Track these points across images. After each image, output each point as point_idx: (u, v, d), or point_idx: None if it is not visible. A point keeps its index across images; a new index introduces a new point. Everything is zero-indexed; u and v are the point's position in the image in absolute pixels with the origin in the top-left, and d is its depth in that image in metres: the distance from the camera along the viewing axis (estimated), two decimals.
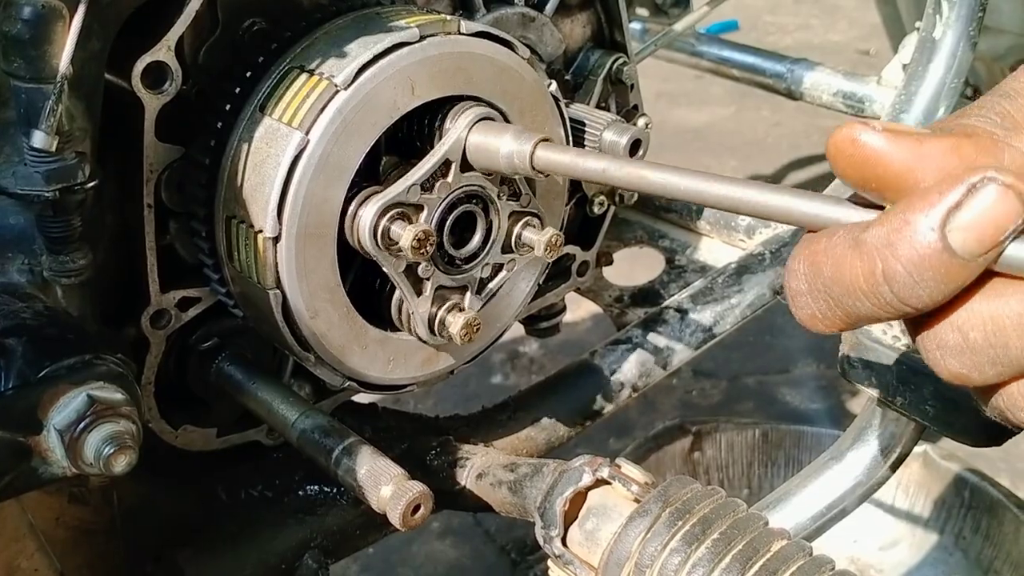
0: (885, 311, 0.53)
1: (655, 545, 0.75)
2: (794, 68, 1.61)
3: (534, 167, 0.77)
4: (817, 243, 0.55)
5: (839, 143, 0.54)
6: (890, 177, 0.54)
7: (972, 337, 0.53)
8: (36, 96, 0.72)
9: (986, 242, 0.51)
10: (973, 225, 0.51)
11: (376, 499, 0.81)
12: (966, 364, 0.54)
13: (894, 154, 0.53)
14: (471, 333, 0.86)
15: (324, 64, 0.80)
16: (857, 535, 1.98)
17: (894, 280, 0.52)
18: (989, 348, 0.53)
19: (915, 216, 0.51)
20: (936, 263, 0.51)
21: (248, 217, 0.80)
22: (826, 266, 0.54)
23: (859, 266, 0.53)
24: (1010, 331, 0.52)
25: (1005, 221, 0.51)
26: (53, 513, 0.86)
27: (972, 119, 0.55)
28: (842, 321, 0.55)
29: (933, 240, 0.51)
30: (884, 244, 0.52)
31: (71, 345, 0.72)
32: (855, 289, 0.53)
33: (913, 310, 0.53)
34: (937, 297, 0.52)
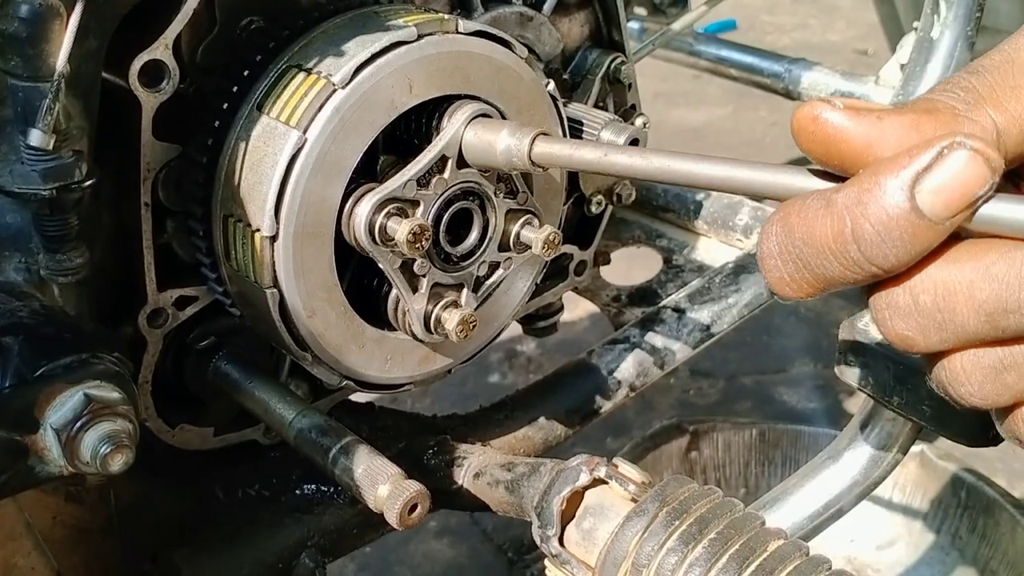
0: (852, 271, 0.54)
1: (652, 545, 0.75)
2: (792, 68, 1.61)
3: (532, 161, 0.77)
4: (791, 205, 0.56)
5: (802, 120, 0.56)
6: (851, 153, 0.55)
7: (922, 300, 0.54)
8: (33, 94, 0.72)
9: (953, 205, 0.52)
10: (942, 188, 0.51)
11: (373, 498, 0.81)
12: (912, 327, 0.54)
13: (854, 130, 0.54)
14: (467, 330, 0.86)
15: (322, 63, 0.80)
16: (854, 535, 1.98)
17: (862, 239, 0.53)
18: (937, 312, 0.53)
19: (885, 177, 0.52)
20: (904, 224, 0.52)
21: (245, 216, 0.80)
22: (798, 226, 0.55)
23: (829, 225, 0.53)
24: (959, 297, 0.53)
25: (973, 185, 0.51)
26: (50, 512, 0.86)
27: (936, 94, 0.56)
28: (810, 284, 0.56)
29: (902, 201, 0.52)
30: (854, 203, 0.53)
31: (68, 344, 0.72)
32: (824, 249, 0.54)
33: (880, 271, 0.54)
34: (904, 258, 0.53)
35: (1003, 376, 0.54)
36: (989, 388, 0.55)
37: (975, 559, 1.89)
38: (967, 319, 0.53)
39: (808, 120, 0.55)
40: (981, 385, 0.55)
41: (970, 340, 0.54)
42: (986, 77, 0.57)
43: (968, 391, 0.56)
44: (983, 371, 0.55)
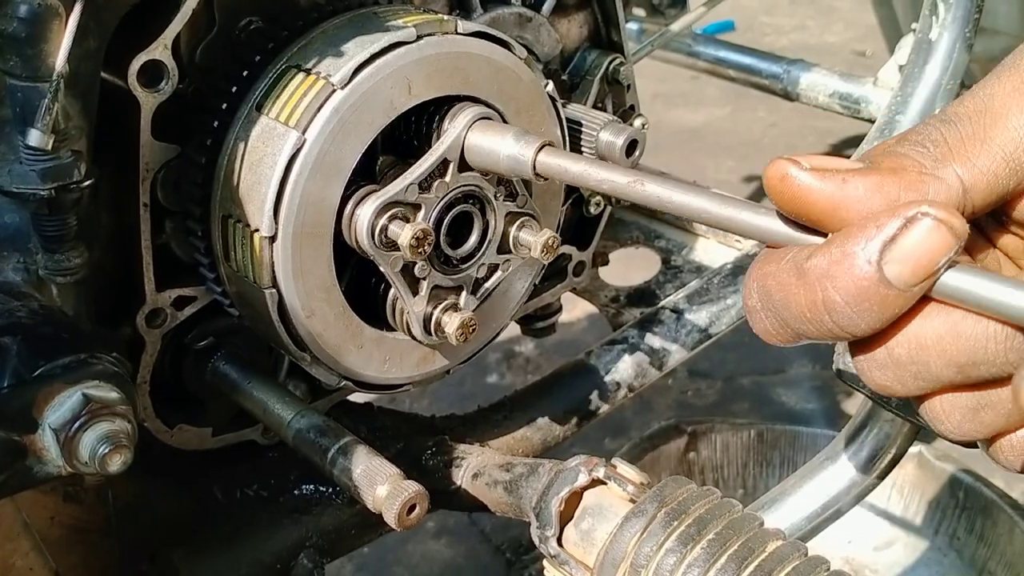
0: (829, 335, 0.56)
1: (651, 545, 0.75)
2: (790, 69, 1.61)
3: (536, 171, 0.77)
4: (767, 265, 0.58)
5: (770, 179, 0.57)
6: (817, 214, 0.56)
7: (897, 353, 0.56)
8: (32, 94, 0.72)
9: (920, 273, 0.53)
10: (907, 258, 0.53)
11: (372, 499, 0.81)
12: (890, 377, 0.57)
13: (819, 192, 0.56)
14: (467, 333, 0.86)
15: (321, 63, 0.80)
16: (852, 535, 1.98)
17: (834, 310, 0.55)
18: (912, 364, 0.56)
19: (853, 249, 0.54)
20: (873, 294, 0.54)
21: (244, 216, 0.80)
22: (775, 290, 0.57)
23: (802, 295, 0.55)
24: (931, 352, 0.55)
25: (938, 253, 0.53)
26: (48, 512, 0.86)
27: (906, 148, 0.58)
28: (792, 338, 0.58)
29: (870, 272, 0.53)
30: (824, 275, 0.54)
31: (66, 344, 0.72)
32: (801, 316, 0.56)
33: (853, 336, 0.56)
34: (875, 325, 0.55)
35: (979, 415, 0.57)
36: (968, 426, 0.58)
37: (973, 560, 1.90)
38: (940, 370, 0.55)
39: (776, 179, 0.57)
40: (959, 424, 0.58)
41: (945, 386, 0.56)
42: (957, 128, 0.58)
43: (947, 429, 0.58)
44: (961, 411, 0.57)
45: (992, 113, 0.58)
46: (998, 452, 0.59)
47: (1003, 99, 0.58)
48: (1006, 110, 0.58)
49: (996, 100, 0.58)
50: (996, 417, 0.57)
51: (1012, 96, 0.58)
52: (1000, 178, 0.57)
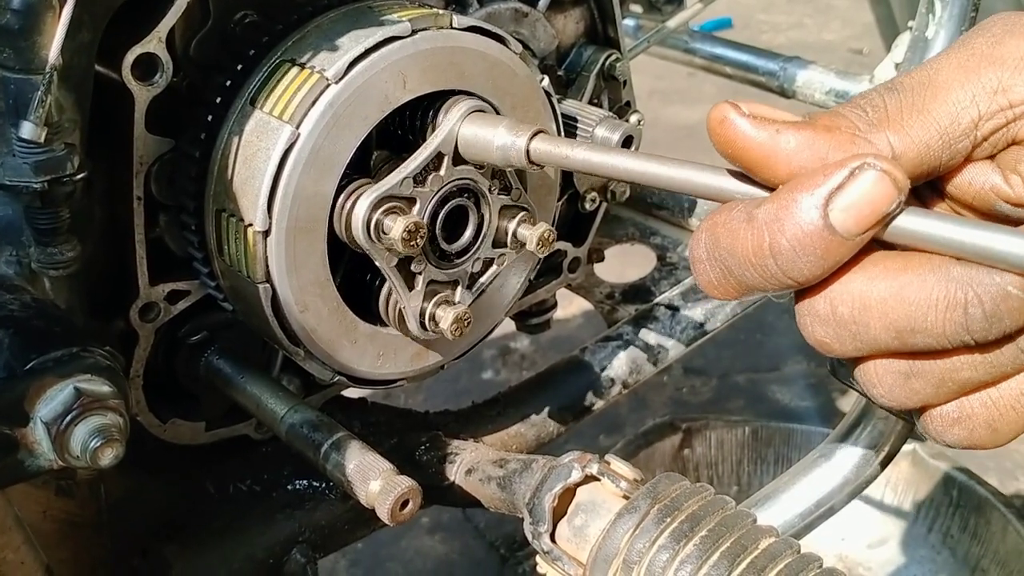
0: (771, 282, 0.58)
1: (643, 542, 0.75)
2: (787, 66, 1.60)
3: (530, 159, 0.77)
4: (719, 215, 0.59)
5: (712, 121, 0.59)
6: (749, 160, 0.59)
7: (839, 311, 0.58)
8: (25, 87, 0.71)
9: (863, 223, 0.55)
10: (852, 206, 0.55)
11: (365, 494, 0.81)
12: (830, 334, 0.58)
13: (753, 139, 0.58)
14: (462, 327, 0.85)
15: (315, 58, 0.80)
16: (845, 533, 1.98)
17: (779, 254, 0.56)
18: (852, 324, 0.57)
19: (801, 195, 0.56)
20: (817, 240, 0.55)
21: (238, 211, 0.80)
22: (723, 237, 0.58)
23: (749, 239, 0.57)
24: (873, 312, 0.57)
25: (881, 203, 0.55)
26: (40, 506, 0.86)
27: (847, 109, 0.60)
28: (735, 289, 0.60)
29: (816, 218, 0.55)
30: (772, 220, 0.56)
31: (59, 337, 0.72)
32: (745, 260, 0.57)
33: (795, 283, 0.57)
34: (817, 272, 0.57)
35: (910, 382, 0.59)
36: (898, 392, 0.59)
37: (966, 558, 1.90)
38: (879, 333, 0.57)
39: (716, 122, 0.59)
40: (890, 389, 0.60)
41: (881, 350, 0.58)
42: (899, 96, 0.59)
43: (879, 393, 0.60)
44: (893, 376, 0.59)
45: (934, 86, 0.59)
46: (928, 423, 0.61)
47: (947, 74, 0.59)
48: (948, 84, 0.59)
49: (941, 74, 0.60)
50: (926, 386, 0.58)
51: (956, 72, 0.59)
52: (932, 149, 0.59)
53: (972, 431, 0.60)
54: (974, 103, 0.59)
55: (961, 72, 0.59)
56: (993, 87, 0.59)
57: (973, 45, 0.60)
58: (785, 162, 0.57)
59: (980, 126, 0.59)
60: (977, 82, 0.59)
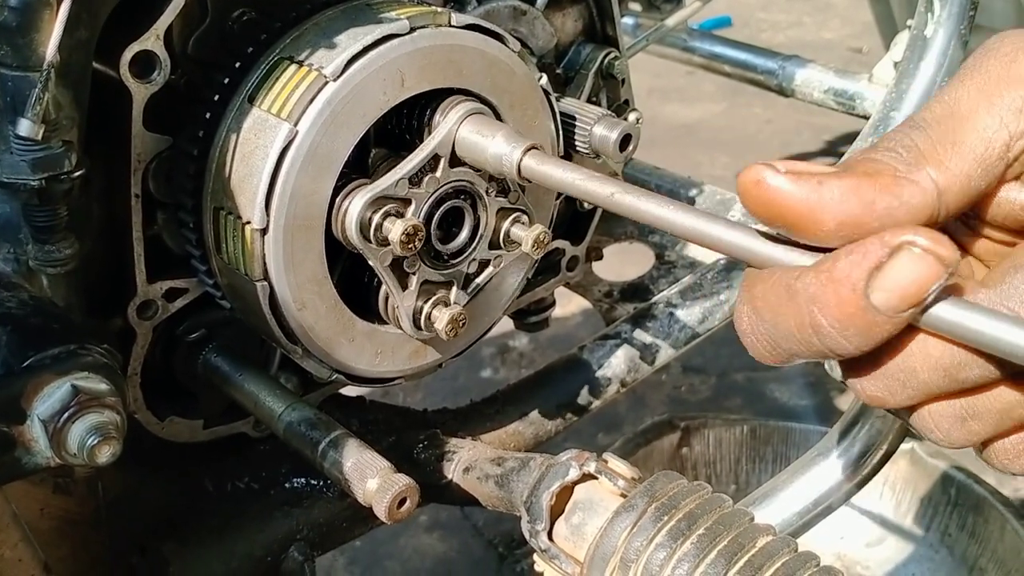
0: (819, 356, 0.57)
1: (641, 540, 0.75)
2: (786, 65, 1.61)
3: (520, 173, 0.78)
4: (757, 287, 0.58)
5: (745, 184, 0.57)
6: (793, 218, 0.56)
7: (883, 361, 0.57)
8: (23, 84, 0.71)
9: (907, 301, 0.53)
10: (895, 286, 0.53)
11: (362, 492, 0.81)
12: (880, 388, 0.58)
13: (795, 196, 0.56)
14: (457, 328, 0.85)
15: (314, 55, 0.80)
16: (843, 532, 1.98)
17: (822, 333, 0.55)
18: (899, 373, 0.57)
19: (839, 275, 0.54)
20: (860, 320, 0.54)
21: (236, 208, 0.80)
22: (765, 312, 0.57)
23: (792, 317, 0.56)
24: (917, 358, 0.56)
25: (926, 282, 0.53)
26: (37, 504, 0.86)
27: (879, 153, 0.58)
28: (785, 358, 0.59)
29: (856, 299, 0.53)
30: (812, 299, 0.55)
31: (56, 335, 0.72)
32: (791, 337, 0.56)
33: (844, 357, 0.56)
34: (863, 347, 0.55)
35: (968, 424, 0.58)
36: (956, 435, 0.59)
37: (964, 557, 1.90)
38: (927, 376, 0.56)
39: (751, 184, 0.57)
40: (948, 432, 0.59)
41: (935, 394, 0.57)
42: (927, 133, 0.58)
43: (939, 438, 0.59)
44: (949, 421, 0.58)
45: (959, 116, 0.58)
46: (992, 457, 0.60)
47: (968, 102, 0.58)
48: (972, 112, 0.58)
49: (962, 103, 0.59)
50: (984, 426, 0.58)
51: (976, 98, 0.58)
52: (973, 179, 0.58)
53: None
54: (1003, 126, 0.57)
55: (983, 97, 0.58)
56: (1018, 107, 0.58)
57: (987, 68, 0.59)
58: (832, 215, 0.55)
59: (1012, 146, 0.58)
60: (1001, 104, 0.58)
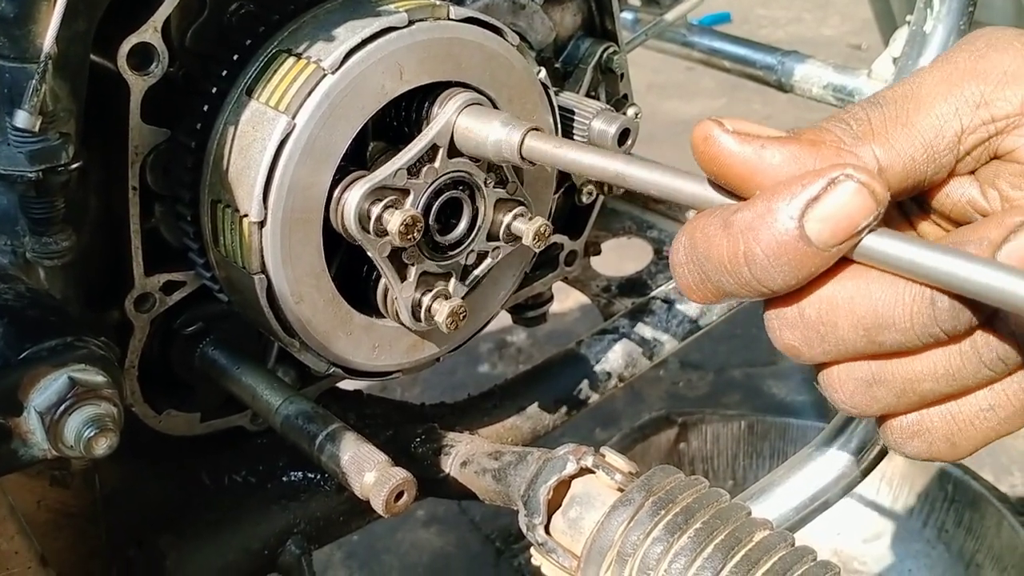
0: (745, 289, 0.57)
1: (638, 534, 0.75)
2: (785, 60, 1.60)
3: (522, 156, 0.77)
4: (699, 220, 0.59)
5: (696, 138, 0.59)
6: (734, 176, 0.58)
7: (807, 313, 0.57)
8: (20, 75, 0.71)
9: (839, 234, 0.55)
10: (829, 217, 0.54)
11: (359, 485, 0.81)
12: (798, 337, 0.58)
13: (737, 155, 0.57)
14: (457, 321, 0.85)
15: (312, 48, 0.80)
16: (840, 527, 1.98)
17: (753, 263, 0.56)
18: (820, 325, 0.57)
19: (777, 204, 0.55)
20: (792, 250, 0.55)
21: (233, 201, 0.80)
22: (700, 242, 0.58)
23: (725, 246, 0.57)
24: (841, 311, 0.56)
25: (859, 216, 0.54)
26: (34, 496, 0.86)
27: (831, 123, 0.59)
28: (712, 294, 0.59)
29: (791, 228, 0.55)
30: (748, 228, 0.56)
31: (53, 327, 0.72)
32: (721, 267, 0.57)
33: (769, 292, 0.57)
34: (791, 281, 0.56)
35: (872, 389, 0.59)
36: (859, 398, 0.59)
37: (961, 553, 1.90)
38: (847, 332, 0.57)
39: (700, 139, 0.58)
40: (851, 395, 0.60)
41: (849, 353, 0.58)
42: (883, 110, 0.59)
43: (840, 399, 0.60)
44: (855, 382, 0.59)
45: (917, 99, 0.59)
46: (887, 433, 0.61)
47: (930, 87, 0.59)
48: (931, 98, 0.59)
49: (924, 87, 0.60)
50: (887, 394, 0.58)
51: (939, 85, 0.59)
52: (917, 163, 0.59)
53: (931, 444, 0.60)
54: (957, 116, 0.59)
55: (944, 85, 0.59)
56: (976, 101, 0.59)
57: (956, 59, 0.60)
58: (770, 177, 0.57)
59: (963, 139, 0.59)
60: (960, 95, 0.59)
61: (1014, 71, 0.59)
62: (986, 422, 0.59)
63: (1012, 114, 0.58)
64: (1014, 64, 0.59)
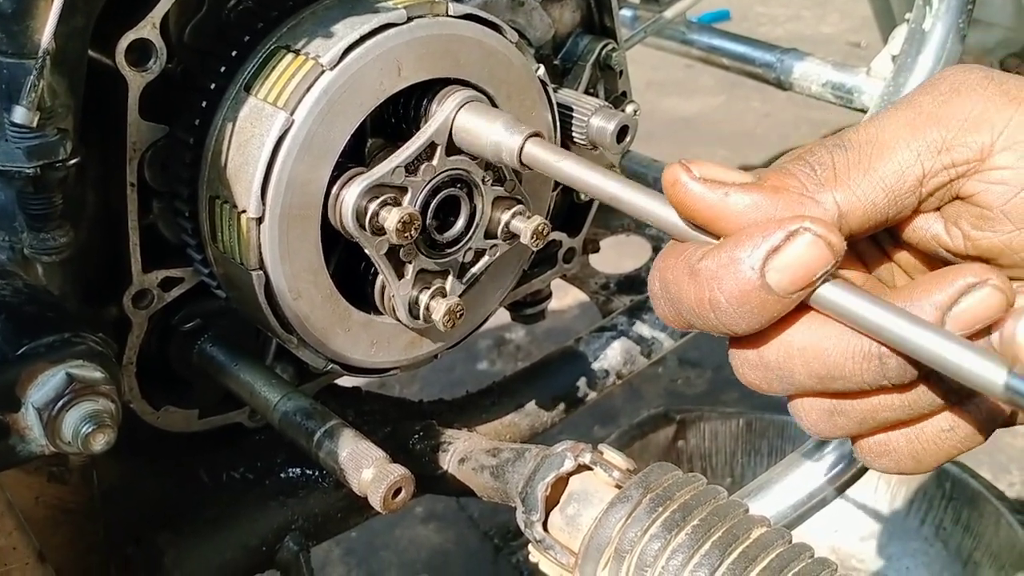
0: (713, 330, 0.61)
1: (635, 531, 0.75)
2: (784, 58, 1.60)
3: (522, 162, 0.78)
4: (668, 259, 0.62)
5: (665, 181, 0.62)
6: (701, 220, 0.61)
7: (766, 357, 0.61)
8: (18, 71, 0.71)
9: (798, 282, 0.58)
10: (787, 267, 0.58)
11: (357, 482, 0.81)
12: (759, 378, 0.63)
13: (704, 202, 0.61)
14: (454, 319, 0.85)
15: (310, 44, 0.80)
16: (838, 525, 1.99)
17: (719, 309, 0.59)
18: (778, 369, 0.61)
19: (740, 255, 0.58)
20: (754, 298, 0.58)
21: (232, 197, 0.80)
22: (671, 283, 0.61)
23: (693, 292, 0.60)
24: (796, 361, 0.60)
25: (816, 265, 0.57)
26: (32, 492, 0.86)
27: (795, 167, 0.62)
28: (685, 326, 0.63)
29: (753, 278, 0.58)
30: (712, 277, 0.59)
31: (51, 323, 0.71)
32: (690, 309, 0.61)
33: (734, 333, 0.61)
34: (754, 325, 0.60)
35: (834, 418, 0.63)
36: (823, 426, 0.64)
37: (959, 551, 1.90)
38: (803, 379, 0.61)
39: (669, 184, 0.62)
40: (816, 423, 0.64)
41: (807, 393, 0.62)
42: (847, 154, 0.62)
43: (807, 425, 0.64)
44: (818, 413, 0.63)
45: (880, 144, 0.61)
46: (858, 450, 0.65)
47: (893, 131, 0.61)
48: (894, 143, 0.61)
49: (887, 132, 0.62)
50: (848, 423, 0.62)
51: (902, 130, 0.61)
52: (878, 206, 0.61)
53: (898, 462, 0.63)
54: (919, 161, 0.61)
55: (907, 130, 0.61)
56: (937, 146, 0.60)
57: (920, 103, 0.62)
58: (735, 223, 0.60)
59: (925, 183, 0.61)
60: (922, 140, 0.61)
61: (975, 117, 0.60)
62: (947, 441, 0.62)
63: (972, 159, 0.60)
64: (976, 109, 0.60)
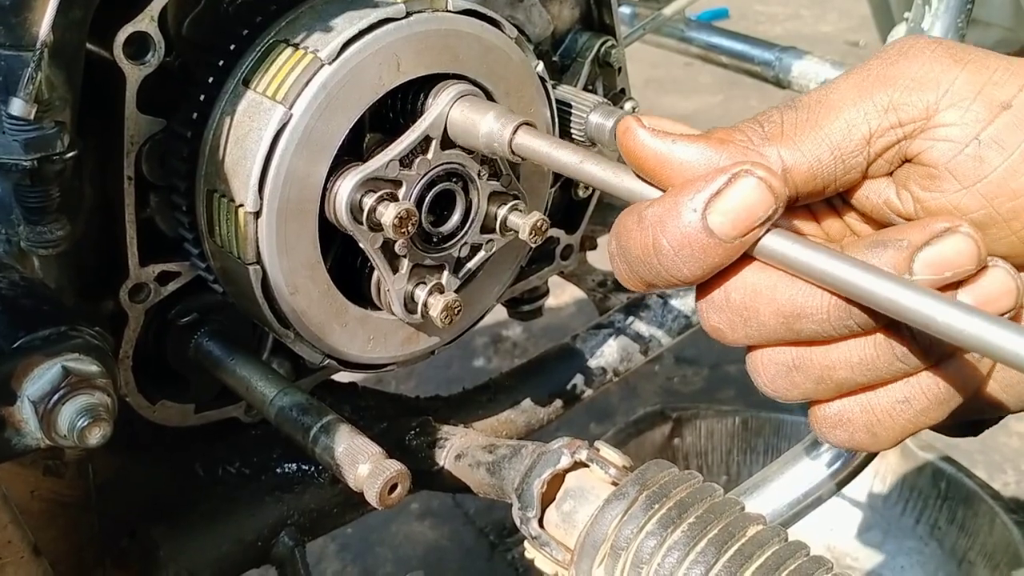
0: (661, 279, 0.61)
1: (631, 528, 0.75)
2: (782, 56, 1.60)
3: (512, 150, 0.77)
4: (624, 214, 0.63)
5: (619, 130, 0.63)
6: (647, 168, 0.62)
7: (733, 297, 0.61)
8: (16, 63, 0.71)
9: (739, 226, 0.58)
10: (730, 210, 0.58)
11: (353, 477, 0.81)
12: (723, 320, 0.62)
13: (650, 149, 0.62)
14: (451, 315, 0.85)
15: (309, 38, 0.79)
16: (833, 523, 1.99)
17: (661, 253, 0.60)
18: (744, 309, 0.61)
19: (682, 199, 0.59)
20: (696, 242, 0.59)
21: (229, 191, 0.80)
22: (622, 235, 0.62)
23: (639, 239, 0.60)
24: (763, 298, 0.60)
25: (758, 209, 0.58)
26: (28, 486, 0.86)
27: (744, 125, 0.63)
28: (640, 283, 0.63)
29: (695, 221, 0.58)
30: (656, 221, 0.60)
31: (47, 316, 0.71)
32: (637, 258, 0.61)
33: (680, 282, 0.61)
34: (697, 272, 0.60)
35: (791, 374, 0.62)
36: (780, 382, 0.63)
37: (953, 550, 1.91)
38: (768, 319, 0.60)
39: (620, 132, 0.63)
40: (772, 379, 0.63)
41: (770, 338, 0.62)
42: (796, 113, 0.63)
43: (762, 382, 0.64)
44: (776, 367, 0.63)
45: (828, 104, 0.62)
46: (814, 421, 0.64)
47: (842, 93, 0.62)
48: (841, 102, 0.62)
49: (835, 93, 0.62)
50: (805, 380, 0.62)
51: (850, 91, 0.62)
52: (823, 164, 0.62)
53: (852, 434, 0.63)
54: (865, 120, 0.61)
55: (855, 91, 0.62)
56: (884, 105, 0.61)
57: (869, 67, 0.63)
58: (679, 171, 0.61)
59: (873, 143, 0.62)
60: (869, 100, 0.61)
61: (921, 76, 0.61)
62: (902, 414, 0.61)
63: (918, 118, 0.61)
64: (922, 70, 0.61)
